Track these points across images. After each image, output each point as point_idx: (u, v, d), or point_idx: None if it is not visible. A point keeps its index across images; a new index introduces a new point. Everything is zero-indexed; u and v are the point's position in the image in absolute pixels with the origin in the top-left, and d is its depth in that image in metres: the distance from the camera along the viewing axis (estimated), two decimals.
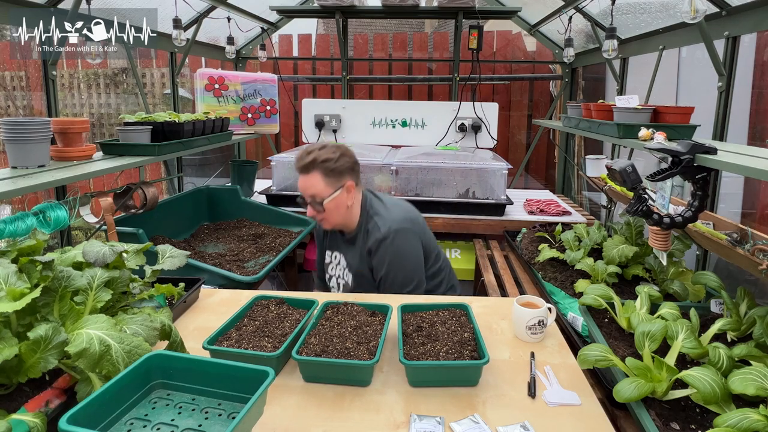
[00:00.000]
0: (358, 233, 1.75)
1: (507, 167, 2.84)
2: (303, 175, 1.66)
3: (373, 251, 1.68)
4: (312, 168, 1.63)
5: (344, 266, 1.80)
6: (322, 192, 1.65)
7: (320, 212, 1.67)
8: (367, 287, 1.74)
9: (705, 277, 1.43)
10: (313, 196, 1.64)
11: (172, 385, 0.93)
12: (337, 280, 1.82)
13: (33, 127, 1.63)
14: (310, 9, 3.75)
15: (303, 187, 1.67)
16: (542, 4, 3.35)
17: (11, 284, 0.92)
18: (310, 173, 1.64)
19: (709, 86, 2.10)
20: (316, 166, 1.63)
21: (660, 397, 1.02)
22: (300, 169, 1.65)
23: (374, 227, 1.70)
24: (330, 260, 1.86)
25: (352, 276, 1.77)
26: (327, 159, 1.64)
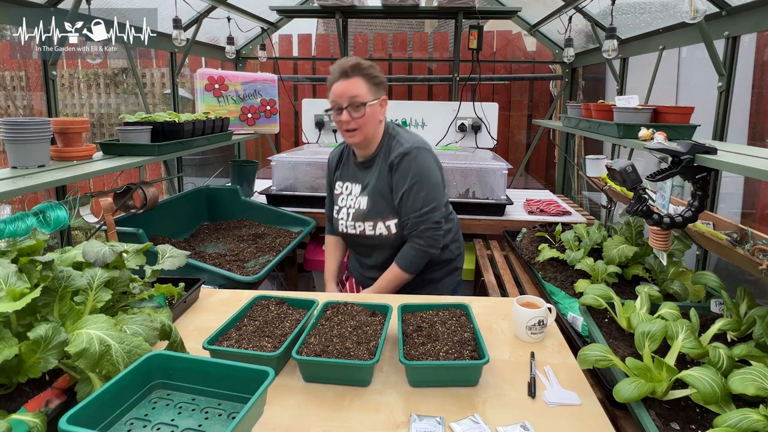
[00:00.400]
0: (377, 154, 1.74)
1: (507, 167, 2.84)
2: (344, 80, 1.61)
3: (395, 165, 1.66)
4: (355, 73, 1.61)
5: (356, 194, 1.77)
6: (365, 96, 1.62)
7: (360, 117, 1.62)
8: (383, 208, 1.70)
9: (705, 277, 1.43)
10: (355, 98, 1.61)
11: (172, 385, 0.93)
12: (347, 210, 1.77)
13: (33, 127, 1.63)
14: (310, 9, 3.75)
15: (343, 89, 1.61)
16: (542, 4, 3.35)
17: (11, 284, 0.92)
18: (352, 78, 1.61)
19: (709, 86, 2.10)
20: (360, 71, 1.62)
21: (660, 397, 1.02)
22: (342, 73, 1.61)
23: (397, 144, 1.70)
24: (341, 191, 1.82)
25: (367, 198, 1.72)
26: (370, 67, 1.64)
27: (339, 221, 1.80)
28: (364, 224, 1.74)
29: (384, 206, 1.70)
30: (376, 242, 1.75)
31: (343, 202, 1.81)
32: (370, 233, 1.73)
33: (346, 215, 1.78)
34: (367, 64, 1.64)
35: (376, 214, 1.71)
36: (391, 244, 1.74)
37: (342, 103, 1.62)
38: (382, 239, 1.73)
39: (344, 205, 1.80)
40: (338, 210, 1.81)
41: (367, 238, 1.75)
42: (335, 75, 1.63)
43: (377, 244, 1.75)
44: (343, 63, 1.63)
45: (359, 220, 1.74)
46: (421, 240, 1.68)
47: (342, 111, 1.62)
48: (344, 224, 1.78)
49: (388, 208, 1.70)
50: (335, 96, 1.63)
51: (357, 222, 1.75)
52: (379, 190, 1.71)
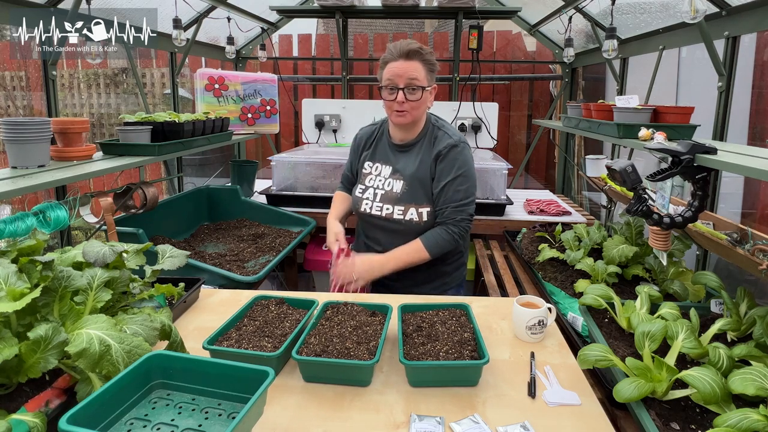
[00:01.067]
0: (417, 141, 1.74)
1: (507, 167, 2.84)
2: (404, 61, 1.61)
3: (442, 155, 1.68)
4: (416, 56, 1.61)
5: (386, 176, 1.76)
6: (423, 80, 1.64)
7: (414, 100, 1.63)
8: (420, 195, 1.70)
9: (705, 277, 1.43)
10: (414, 80, 1.62)
11: (172, 385, 0.93)
12: (375, 190, 1.76)
13: (33, 127, 1.63)
14: (310, 9, 3.75)
15: (403, 70, 1.61)
16: (542, 4, 3.35)
17: (11, 284, 0.92)
18: (412, 60, 1.61)
19: (709, 86, 2.10)
20: (421, 56, 1.62)
21: (660, 397, 1.02)
22: (403, 53, 1.60)
23: (444, 135, 1.72)
24: (369, 171, 1.81)
25: (403, 183, 1.72)
26: (430, 54, 1.65)
27: (363, 201, 1.78)
28: (393, 207, 1.72)
29: (421, 193, 1.70)
30: (400, 227, 1.72)
31: (371, 182, 1.79)
32: (399, 217, 1.71)
33: (372, 195, 1.76)
34: (428, 50, 1.65)
35: (410, 200, 1.71)
36: (416, 231, 1.71)
37: (399, 83, 1.62)
38: (410, 225, 1.71)
39: (372, 185, 1.78)
40: (364, 189, 1.79)
41: (392, 222, 1.72)
42: (394, 54, 1.62)
43: (401, 229, 1.73)
44: (404, 44, 1.63)
45: (389, 202, 1.73)
46: (456, 228, 1.68)
47: (397, 91, 1.62)
48: (369, 204, 1.76)
49: (425, 195, 1.70)
50: (393, 75, 1.62)
51: (386, 204, 1.73)
52: (418, 177, 1.70)
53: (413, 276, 1.75)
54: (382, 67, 1.66)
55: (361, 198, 1.79)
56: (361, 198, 1.79)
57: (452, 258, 1.81)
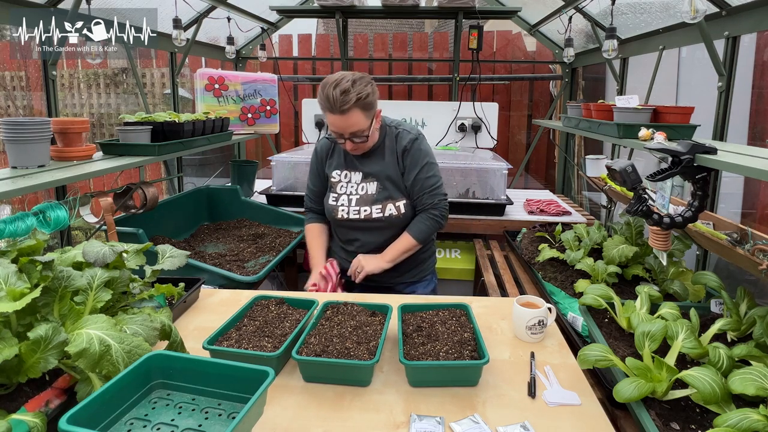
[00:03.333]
0: (378, 146, 1.83)
1: (507, 167, 2.84)
2: (341, 115, 1.62)
3: (407, 149, 1.79)
4: (347, 105, 1.61)
5: (357, 181, 1.84)
6: (364, 127, 1.68)
7: (362, 142, 1.72)
8: (393, 191, 1.81)
9: (705, 277, 1.43)
10: (356, 133, 1.67)
11: (172, 385, 0.93)
12: (348, 196, 1.83)
13: (33, 127, 1.63)
14: (310, 9, 3.75)
15: (343, 126, 1.66)
16: (542, 4, 3.36)
17: (11, 284, 0.92)
18: (348, 114, 1.63)
19: (709, 86, 2.10)
20: (357, 104, 1.63)
21: (660, 397, 1.02)
22: (340, 110, 1.61)
23: (403, 132, 1.83)
24: (339, 179, 1.86)
25: (376, 183, 1.81)
26: (365, 95, 1.64)
27: (339, 208, 1.84)
28: (371, 208, 1.81)
29: (394, 189, 1.81)
30: (381, 224, 1.82)
31: (343, 189, 1.85)
32: (378, 215, 1.81)
33: (347, 201, 1.83)
34: (362, 92, 1.62)
35: (386, 197, 1.81)
36: (397, 223, 1.83)
37: (343, 134, 1.69)
38: (391, 220, 1.81)
39: (344, 192, 1.85)
40: (336, 197, 1.86)
41: (372, 221, 1.81)
42: (329, 106, 1.62)
43: (381, 226, 1.83)
44: (330, 95, 1.59)
45: (366, 204, 1.81)
46: (436, 210, 1.81)
47: (345, 140, 1.71)
48: (345, 209, 1.83)
49: (398, 190, 1.82)
50: (334, 128, 1.69)
51: (363, 207, 1.81)
52: (389, 175, 1.81)
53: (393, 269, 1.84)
54: (323, 111, 1.67)
55: (335, 206, 1.85)
56: (336, 206, 1.85)
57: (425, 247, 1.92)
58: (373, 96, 1.68)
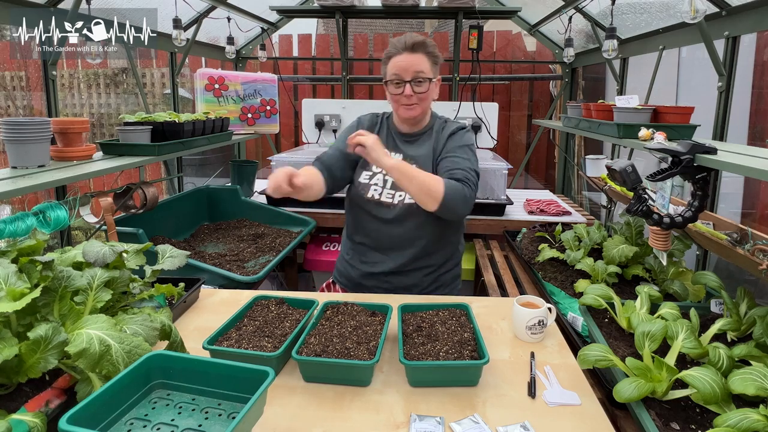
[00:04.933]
0: (425, 131, 1.74)
1: (507, 167, 2.84)
2: (409, 54, 1.59)
3: (453, 133, 1.70)
4: (420, 49, 1.60)
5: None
6: (429, 72, 1.62)
7: (422, 92, 1.62)
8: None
9: (705, 277, 1.43)
10: (420, 73, 1.61)
11: (172, 385, 0.93)
12: (384, 176, 1.69)
13: (33, 127, 1.63)
14: (310, 9, 3.75)
15: (410, 63, 1.59)
16: (542, 4, 3.36)
17: (11, 284, 0.92)
18: (418, 53, 1.60)
19: (709, 86, 2.10)
20: (425, 48, 1.60)
21: (660, 397, 1.02)
22: (408, 47, 1.59)
23: (452, 122, 1.75)
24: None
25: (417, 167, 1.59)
26: (433, 46, 1.64)
27: (371, 187, 1.69)
28: (405, 193, 1.65)
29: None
30: (408, 213, 1.64)
31: (379, 168, 1.70)
32: (410, 201, 1.63)
33: (382, 182, 1.69)
34: (431, 42, 1.65)
35: None
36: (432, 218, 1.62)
37: (405, 76, 1.60)
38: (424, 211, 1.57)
39: (380, 171, 1.70)
40: (371, 175, 1.70)
41: (401, 207, 1.64)
42: (398, 48, 1.61)
43: (407, 214, 1.65)
44: (408, 37, 1.62)
45: (401, 189, 1.65)
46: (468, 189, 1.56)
47: (404, 84, 1.61)
48: (378, 191, 1.68)
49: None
50: (398, 69, 1.60)
51: (398, 191, 1.66)
52: (430, 162, 1.68)
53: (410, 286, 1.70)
54: (386, 63, 1.65)
55: (368, 184, 1.69)
56: (368, 184, 1.69)
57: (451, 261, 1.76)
58: (440, 56, 1.67)
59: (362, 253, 1.75)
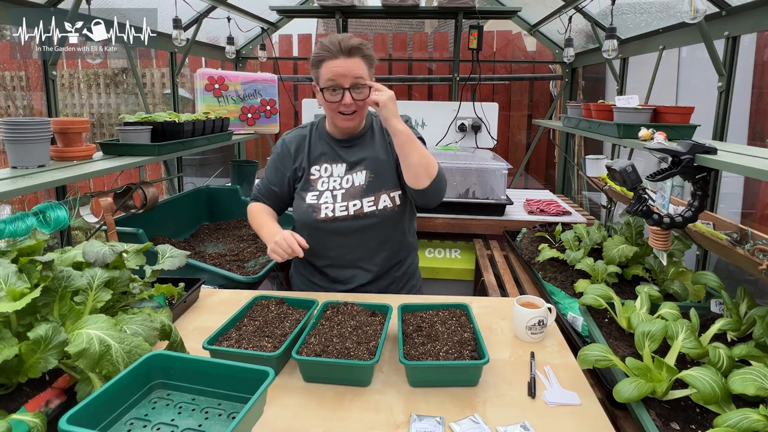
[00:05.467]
0: (366, 131, 1.64)
1: (507, 167, 2.84)
2: (347, 58, 1.48)
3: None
4: (358, 53, 1.49)
5: (340, 174, 1.61)
6: (367, 77, 1.51)
7: (362, 99, 1.50)
8: (387, 179, 1.59)
9: (705, 277, 1.43)
10: (360, 78, 1.48)
11: (172, 385, 0.93)
12: (332, 192, 1.59)
13: (33, 127, 1.63)
14: (310, 9, 3.75)
15: (348, 69, 1.47)
16: (542, 4, 3.36)
17: (11, 284, 0.92)
18: (355, 57, 1.48)
19: (709, 86, 2.10)
20: (362, 52, 1.50)
21: (660, 397, 1.02)
22: (345, 51, 1.47)
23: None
24: (318, 175, 1.62)
25: (366, 173, 1.59)
26: (369, 48, 1.54)
27: (321, 207, 1.57)
28: (361, 201, 1.57)
29: (387, 178, 1.59)
30: (373, 220, 1.57)
31: (324, 186, 1.60)
32: (370, 209, 1.56)
33: (331, 198, 1.58)
34: (367, 43, 1.54)
35: (379, 187, 1.58)
36: (392, 219, 1.59)
37: (344, 83, 1.48)
38: (385, 214, 1.57)
39: (326, 188, 1.60)
40: (318, 195, 1.59)
41: (362, 218, 1.57)
42: (332, 51, 1.48)
43: (373, 223, 1.58)
44: (342, 40, 1.50)
45: (354, 198, 1.57)
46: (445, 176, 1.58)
47: (342, 92, 1.49)
48: (330, 207, 1.57)
49: (391, 179, 1.60)
50: (336, 75, 1.48)
51: (351, 201, 1.57)
52: (379, 161, 1.60)
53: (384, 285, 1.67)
54: (317, 66, 1.52)
55: (316, 204, 1.58)
56: (317, 204, 1.58)
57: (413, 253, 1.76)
58: (375, 57, 1.57)
59: (332, 275, 1.67)
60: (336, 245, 1.61)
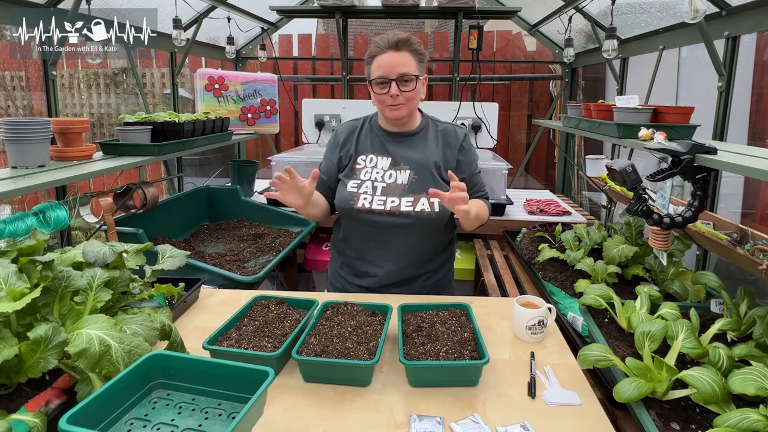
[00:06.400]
0: (419, 131, 1.66)
1: (507, 167, 2.84)
2: (394, 52, 1.52)
3: (462, 144, 1.66)
4: (405, 47, 1.53)
5: (384, 167, 1.62)
6: (415, 70, 1.54)
7: (409, 91, 1.54)
8: (429, 184, 1.57)
9: (705, 277, 1.43)
10: (406, 73, 1.52)
11: (172, 385, 0.93)
12: (374, 183, 1.60)
13: (33, 127, 1.63)
14: (310, 9, 3.75)
15: (394, 63, 1.52)
16: (542, 4, 3.36)
17: (11, 284, 0.92)
18: (402, 51, 1.52)
19: (709, 86, 2.10)
20: (410, 46, 1.53)
21: (660, 397, 1.02)
22: (392, 45, 1.52)
23: (450, 127, 1.68)
24: (363, 165, 1.64)
25: (410, 173, 1.60)
26: (418, 43, 1.58)
27: (360, 196, 1.58)
28: (400, 199, 1.57)
29: (432, 183, 1.58)
30: (408, 221, 1.56)
31: (367, 176, 1.61)
32: (407, 209, 1.56)
33: (371, 189, 1.59)
34: (416, 39, 1.58)
35: (419, 190, 1.58)
36: (428, 223, 1.57)
37: (390, 76, 1.52)
38: (422, 217, 1.56)
39: (368, 178, 1.61)
40: (359, 184, 1.60)
41: (398, 216, 1.56)
42: (382, 46, 1.54)
43: (408, 223, 1.57)
44: (392, 35, 1.55)
45: (394, 195, 1.57)
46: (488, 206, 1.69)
47: (390, 84, 1.53)
48: (368, 198, 1.57)
49: (435, 185, 1.57)
50: (384, 68, 1.52)
51: (390, 197, 1.57)
52: (428, 166, 1.60)
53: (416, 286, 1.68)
54: (369, 63, 1.58)
55: (356, 193, 1.58)
56: (357, 193, 1.58)
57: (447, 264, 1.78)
58: (425, 53, 1.60)
59: (357, 268, 1.68)
60: (368, 238, 1.62)
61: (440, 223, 1.62)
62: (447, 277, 1.78)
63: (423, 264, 1.66)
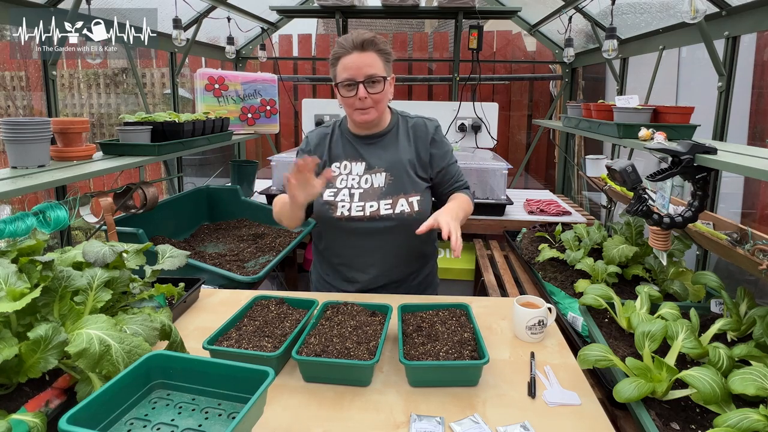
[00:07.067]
0: (389, 130, 1.62)
1: (507, 167, 2.84)
2: (360, 53, 1.47)
3: (434, 138, 1.62)
4: (371, 47, 1.48)
5: (359, 173, 1.59)
6: (382, 71, 1.49)
7: (377, 93, 1.49)
8: (407, 184, 1.57)
9: (705, 277, 1.43)
10: (374, 74, 1.48)
11: (172, 385, 0.93)
12: (350, 190, 1.58)
13: (33, 127, 1.63)
14: (310, 9, 3.75)
15: (361, 64, 1.47)
16: (542, 4, 3.36)
17: (11, 284, 0.92)
18: (368, 51, 1.47)
19: (709, 86, 2.10)
20: (376, 46, 1.49)
21: (660, 397, 1.02)
22: (357, 46, 1.47)
23: (418, 119, 1.65)
24: (338, 172, 1.61)
25: (386, 175, 1.57)
26: (384, 43, 1.53)
27: (338, 204, 1.56)
28: (378, 203, 1.55)
29: (408, 182, 1.57)
30: (390, 224, 1.55)
31: (343, 183, 1.59)
32: (387, 212, 1.54)
33: (348, 196, 1.57)
34: (381, 39, 1.54)
35: (397, 190, 1.56)
36: (409, 223, 1.52)
37: (358, 78, 1.47)
38: (402, 218, 1.54)
39: (344, 185, 1.58)
40: (335, 192, 1.58)
41: (379, 220, 1.54)
42: (347, 47, 1.48)
43: (390, 226, 1.55)
44: (356, 36, 1.50)
45: (372, 199, 1.55)
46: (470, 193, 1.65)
47: (356, 86, 1.48)
48: (346, 206, 1.55)
49: (411, 184, 1.57)
50: (350, 70, 1.47)
51: (368, 202, 1.55)
52: (402, 165, 1.58)
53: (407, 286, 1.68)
54: (334, 64, 1.52)
55: (333, 202, 1.56)
56: (334, 202, 1.56)
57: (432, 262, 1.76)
58: (392, 52, 1.56)
59: (344, 273, 1.67)
60: (351, 245, 1.61)
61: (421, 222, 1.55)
62: (432, 273, 1.77)
63: (408, 264, 1.65)
